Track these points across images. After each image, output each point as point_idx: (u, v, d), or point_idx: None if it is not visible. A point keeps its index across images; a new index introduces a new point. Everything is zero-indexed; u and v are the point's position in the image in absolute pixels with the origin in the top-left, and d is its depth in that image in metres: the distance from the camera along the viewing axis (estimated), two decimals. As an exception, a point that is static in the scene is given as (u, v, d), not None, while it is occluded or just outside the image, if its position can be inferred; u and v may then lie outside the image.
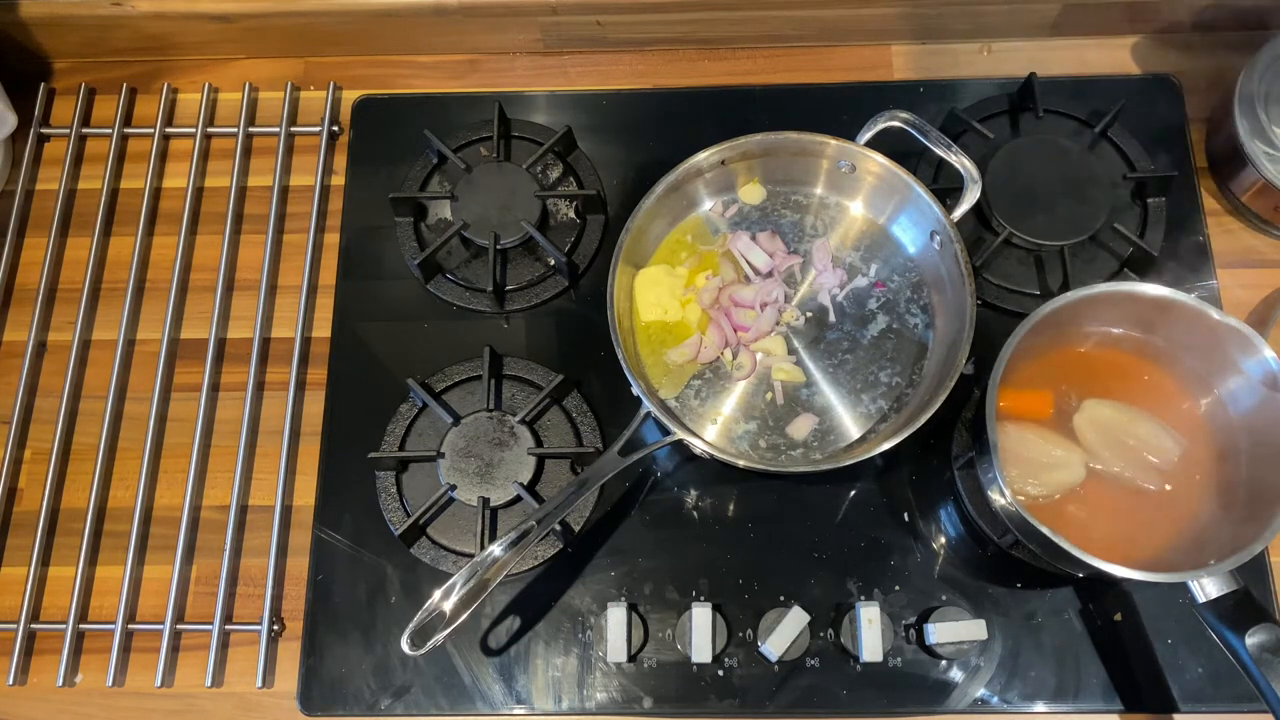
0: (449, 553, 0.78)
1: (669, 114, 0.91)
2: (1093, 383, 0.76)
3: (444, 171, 0.89)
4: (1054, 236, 0.83)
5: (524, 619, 0.77)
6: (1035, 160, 0.85)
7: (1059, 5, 0.90)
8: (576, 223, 0.88)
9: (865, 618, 0.73)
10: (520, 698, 0.75)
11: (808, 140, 0.80)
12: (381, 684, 0.75)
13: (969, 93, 0.90)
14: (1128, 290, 0.74)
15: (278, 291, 0.88)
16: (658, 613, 0.76)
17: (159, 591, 0.79)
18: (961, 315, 0.74)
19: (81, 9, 0.89)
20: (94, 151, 0.93)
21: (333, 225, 0.89)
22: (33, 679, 0.78)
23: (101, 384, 0.84)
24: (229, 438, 0.82)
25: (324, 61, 0.96)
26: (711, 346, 0.79)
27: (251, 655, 0.77)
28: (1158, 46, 0.93)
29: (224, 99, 0.95)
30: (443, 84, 0.95)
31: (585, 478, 0.72)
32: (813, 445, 0.78)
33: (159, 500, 0.82)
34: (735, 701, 0.74)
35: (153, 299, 0.88)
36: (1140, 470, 0.73)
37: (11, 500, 0.82)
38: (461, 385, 0.82)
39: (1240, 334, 0.71)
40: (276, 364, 0.85)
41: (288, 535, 0.80)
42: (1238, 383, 0.73)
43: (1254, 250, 0.86)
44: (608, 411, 0.81)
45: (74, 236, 0.90)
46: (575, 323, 0.85)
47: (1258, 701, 0.63)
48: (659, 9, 0.90)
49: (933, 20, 0.92)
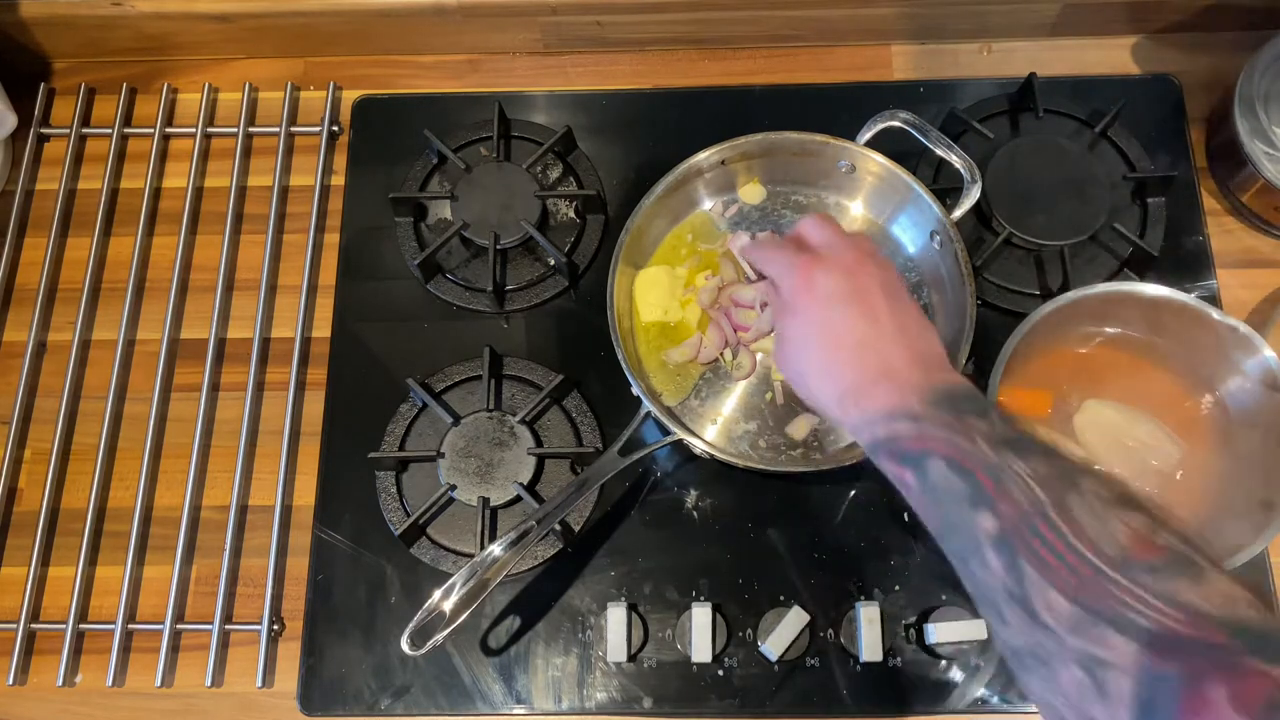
0: (449, 553, 0.78)
1: (669, 114, 0.91)
2: (1093, 383, 0.76)
3: (444, 171, 0.89)
4: (1054, 236, 0.83)
5: (524, 619, 0.77)
6: (1035, 160, 0.85)
7: (1059, 5, 0.90)
8: (576, 223, 0.88)
9: (865, 618, 0.73)
10: (520, 698, 0.75)
11: (808, 140, 0.80)
12: (381, 684, 0.75)
13: (969, 93, 0.90)
14: (1128, 290, 0.74)
15: (278, 291, 0.88)
16: (658, 613, 0.76)
17: (159, 591, 0.79)
18: (961, 315, 0.74)
19: (81, 9, 0.89)
20: (94, 151, 0.93)
21: (333, 225, 0.89)
22: (33, 679, 0.78)
23: (101, 384, 0.84)
24: (229, 438, 0.82)
25: (324, 61, 0.96)
26: (711, 346, 0.79)
27: (251, 655, 0.77)
28: (1158, 46, 0.93)
29: (224, 99, 0.95)
30: (443, 84, 0.95)
31: (585, 478, 0.72)
32: (813, 445, 0.78)
33: (159, 500, 0.82)
34: (735, 701, 0.74)
35: (153, 299, 0.88)
36: (1140, 471, 0.73)
37: (11, 500, 0.82)
38: (461, 385, 0.82)
39: (1240, 334, 0.71)
40: (276, 364, 0.85)
41: (288, 535, 0.80)
42: (1238, 383, 0.73)
43: (1254, 250, 0.86)
44: (608, 411, 0.81)
45: (74, 236, 0.90)
46: (575, 323, 0.85)
47: (1258, 701, 0.63)
48: (659, 9, 0.90)
49: (933, 20, 0.92)
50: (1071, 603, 0.44)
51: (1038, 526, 0.47)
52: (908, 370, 0.57)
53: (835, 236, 0.64)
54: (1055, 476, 0.48)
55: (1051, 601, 0.45)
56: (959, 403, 0.54)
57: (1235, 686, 0.40)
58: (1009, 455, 0.50)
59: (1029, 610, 0.46)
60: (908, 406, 0.54)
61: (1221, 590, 0.43)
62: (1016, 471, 0.49)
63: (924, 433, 0.53)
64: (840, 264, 0.62)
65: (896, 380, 0.56)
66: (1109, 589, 0.44)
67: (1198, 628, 0.41)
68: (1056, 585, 0.45)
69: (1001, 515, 0.48)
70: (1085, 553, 0.45)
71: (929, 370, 0.57)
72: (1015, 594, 0.47)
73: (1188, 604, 0.42)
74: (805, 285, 0.61)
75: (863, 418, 0.56)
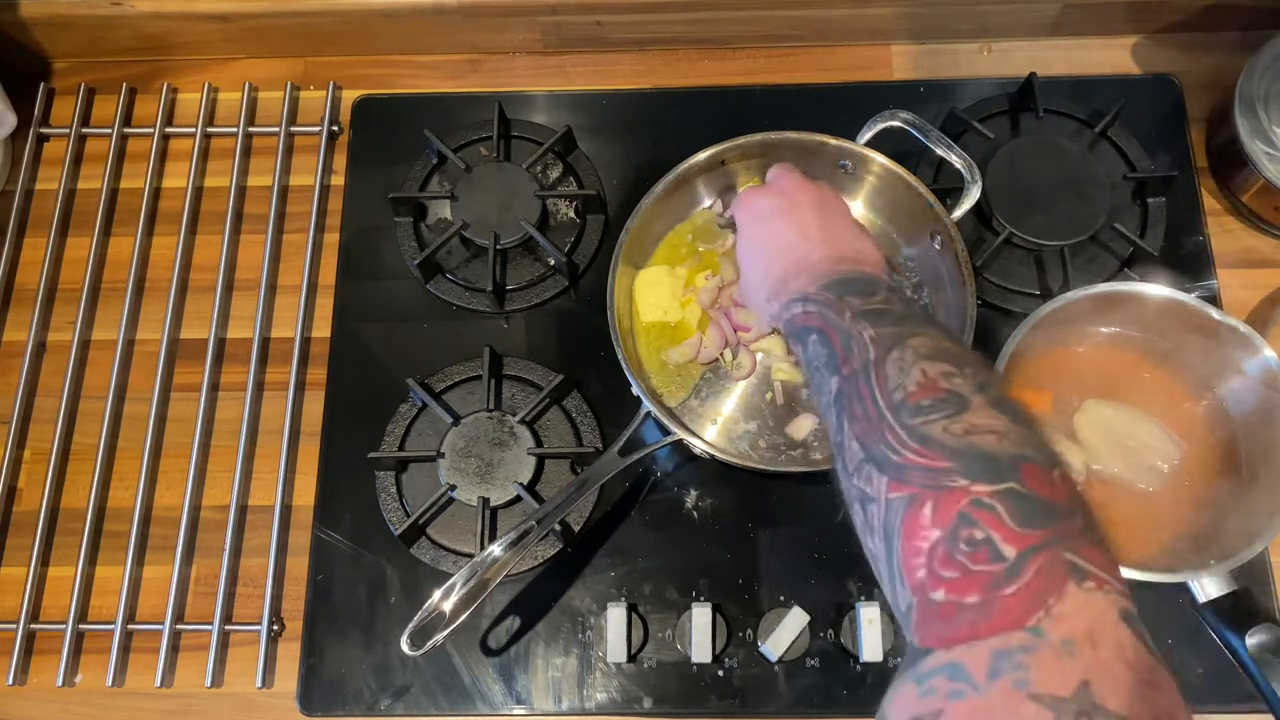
0: (449, 553, 0.78)
1: (669, 114, 0.91)
2: (1093, 383, 0.76)
3: (444, 171, 0.89)
4: (1054, 236, 0.83)
5: (524, 619, 0.77)
6: (1035, 160, 0.85)
7: (1059, 5, 0.90)
8: (576, 223, 0.88)
9: (865, 618, 0.73)
10: (520, 698, 0.75)
11: (808, 140, 0.80)
12: (381, 684, 0.75)
13: (969, 93, 0.90)
14: (1128, 290, 0.74)
15: (278, 291, 0.88)
16: (658, 613, 0.76)
17: (159, 591, 0.79)
18: (961, 315, 0.74)
19: (81, 9, 0.89)
20: (94, 151, 0.93)
21: (333, 225, 0.89)
22: (32, 679, 0.78)
23: (101, 384, 0.84)
24: (229, 438, 0.82)
25: (324, 61, 0.95)
26: (711, 346, 0.79)
27: (251, 655, 0.77)
28: (1158, 46, 0.93)
29: (224, 99, 0.95)
30: (443, 84, 0.95)
31: (585, 478, 0.72)
32: (813, 445, 0.77)
33: (159, 500, 0.82)
34: (735, 701, 0.74)
35: (152, 299, 0.88)
36: (1140, 471, 0.73)
37: (11, 500, 0.82)
38: (461, 385, 0.82)
39: (1240, 334, 0.71)
40: (276, 364, 0.85)
41: (287, 535, 0.80)
42: (1238, 383, 0.73)
43: (1254, 250, 0.86)
44: (608, 411, 0.81)
45: (74, 236, 0.90)
46: (575, 323, 0.85)
47: (1258, 701, 0.63)
48: (659, 9, 0.90)
49: (933, 20, 0.92)
50: (861, 448, 0.49)
51: (858, 383, 0.51)
52: (819, 264, 0.62)
53: (784, 173, 0.71)
54: (890, 336, 0.52)
55: (850, 448, 0.50)
56: (847, 285, 0.58)
57: (939, 502, 0.44)
58: (863, 322, 0.54)
59: (842, 459, 0.51)
60: (805, 291, 0.60)
61: (973, 422, 0.46)
62: (863, 335, 0.53)
63: (808, 311, 0.58)
64: (777, 188, 0.69)
65: (808, 273, 0.61)
66: (881, 431, 0.48)
67: (929, 457, 0.45)
68: (855, 433, 0.50)
69: (842, 376, 0.53)
70: (878, 399, 0.49)
71: (837, 262, 0.62)
72: (838, 444, 0.52)
73: (930, 436, 0.46)
74: (747, 210, 0.69)
75: (779, 306, 0.62)
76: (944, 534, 0.43)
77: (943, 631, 0.41)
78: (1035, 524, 0.42)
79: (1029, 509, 0.42)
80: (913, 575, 0.44)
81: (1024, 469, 0.43)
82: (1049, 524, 0.42)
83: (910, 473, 0.46)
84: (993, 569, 0.41)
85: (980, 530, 0.42)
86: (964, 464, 0.44)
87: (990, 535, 0.41)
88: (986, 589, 0.40)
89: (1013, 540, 0.41)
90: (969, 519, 0.42)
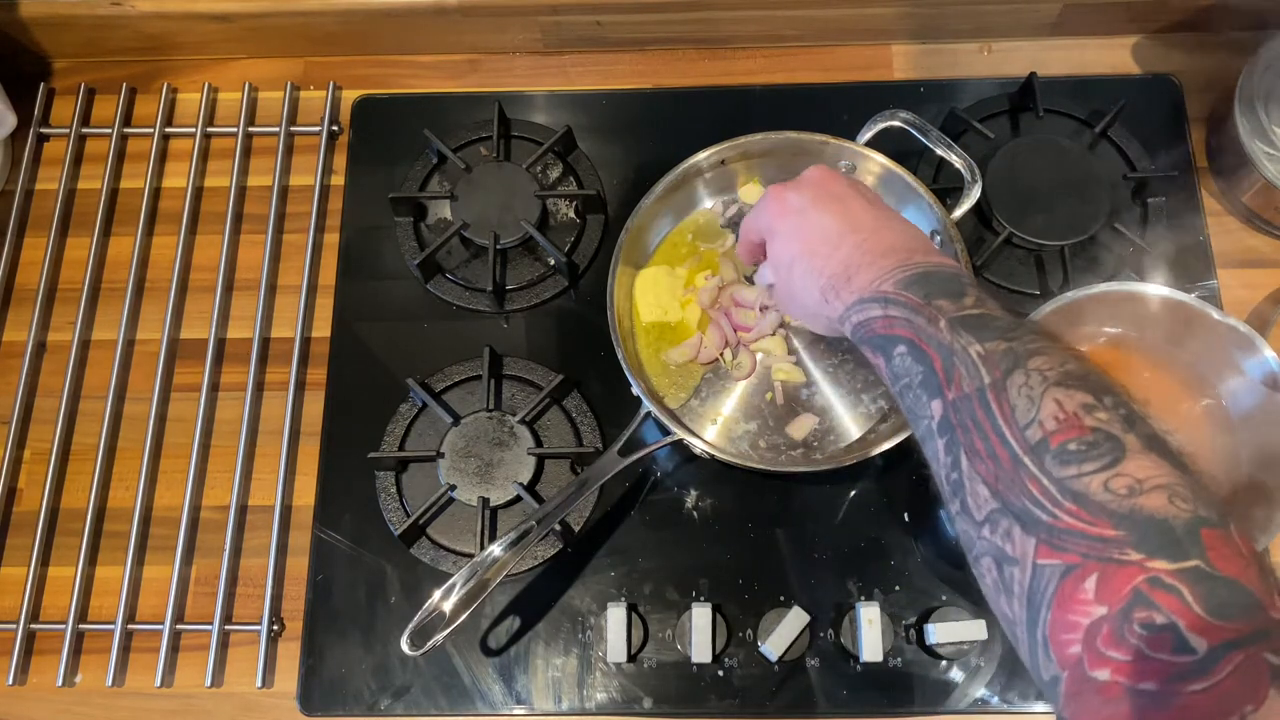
0: (449, 553, 0.78)
1: (669, 114, 0.91)
2: (1093, 383, 0.76)
3: (444, 171, 0.89)
4: (1054, 236, 0.83)
5: (524, 619, 0.77)
6: (1035, 160, 0.85)
7: (1059, 5, 0.90)
8: (576, 223, 0.88)
9: (865, 618, 0.73)
10: (520, 698, 0.75)
11: (808, 140, 0.80)
12: (381, 684, 0.75)
13: (969, 93, 0.90)
14: (1128, 290, 0.74)
15: (277, 291, 0.88)
16: (658, 613, 0.76)
17: (159, 591, 0.79)
18: (961, 315, 0.74)
19: (81, 9, 0.89)
20: (94, 151, 0.93)
21: (333, 225, 0.89)
22: (32, 679, 0.78)
23: (101, 384, 0.84)
24: (229, 438, 0.82)
25: (324, 61, 0.95)
26: (711, 346, 0.79)
27: (251, 655, 0.77)
28: (1158, 46, 0.93)
29: (224, 99, 0.95)
30: (443, 84, 0.95)
31: (585, 478, 0.72)
32: (813, 445, 0.77)
33: (159, 500, 0.82)
34: (735, 702, 0.74)
35: (152, 299, 0.88)
36: (1140, 470, 0.73)
37: (11, 500, 0.82)
38: (461, 385, 0.82)
39: (1240, 334, 0.71)
40: (276, 364, 0.85)
41: (287, 535, 0.80)
42: (1238, 383, 0.73)
43: (1254, 250, 0.86)
44: (608, 411, 0.81)
45: (74, 236, 0.90)
46: (575, 323, 0.85)
47: (1258, 701, 0.63)
48: (659, 9, 0.90)
49: (933, 20, 0.92)
50: (992, 494, 0.44)
51: (974, 410, 0.45)
52: (883, 257, 0.55)
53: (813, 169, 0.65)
54: (1003, 355, 0.46)
55: (978, 492, 0.44)
56: (931, 283, 0.52)
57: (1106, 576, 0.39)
58: (965, 335, 0.48)
59: (963, 500, 0.45)
60: (879, 290, 0.53)
61: (1134, 474, 0.41)
62: (968, 352, 0.47)
63: (890, 315, 0.52)
64: (808, 180, 0.63)
65: (873, 267, 0.55)
66: (1021, 479, 0.42)
67: (1091, 523, 0.40)
68: (982, 474, 0.44)
69: (946, 400, 0.47)
70: (1008, 438, 0.44)
71: (908, 254, 0.55)
72: (954, 481, 0.46)
73: (1087, 496, 0.40)
74: (779, 208, 0.62)
75: (842, 307, 0.56)
76: (1112, 612, 0.38)
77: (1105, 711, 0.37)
78: (1231, 615, 0.36)
79: (1222, 597, 0.37)
80: (1063, 650, 0.39)
81: (1206, 539, 0.38)
82: (1247, 617, 0.37)
83: (1068, 539, 0.40)
84: (1177, 660, 0.36)
85: (1161, 615, 0.37)
86: (1135, 535, 0.39)
87: (1175, 622, 0.37)
88: (1166, 680, 0.36)
89: (1204, 631, 0.36)
90: (1146, 600, 0.37)
